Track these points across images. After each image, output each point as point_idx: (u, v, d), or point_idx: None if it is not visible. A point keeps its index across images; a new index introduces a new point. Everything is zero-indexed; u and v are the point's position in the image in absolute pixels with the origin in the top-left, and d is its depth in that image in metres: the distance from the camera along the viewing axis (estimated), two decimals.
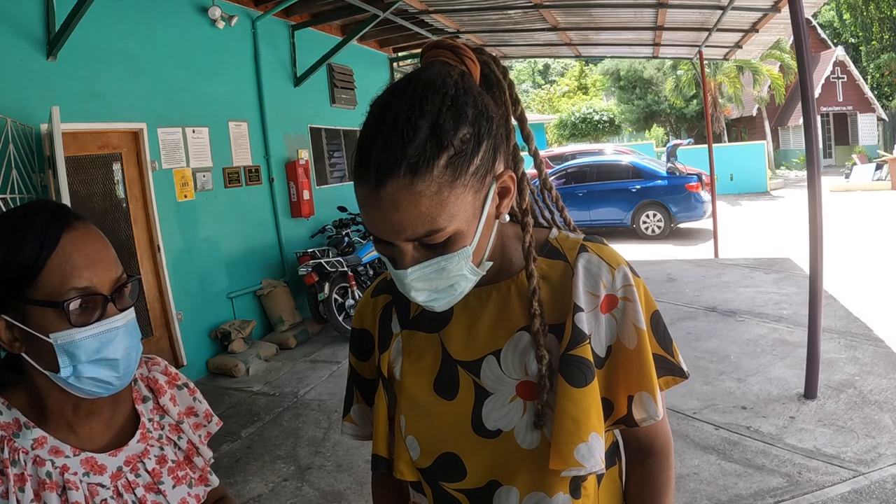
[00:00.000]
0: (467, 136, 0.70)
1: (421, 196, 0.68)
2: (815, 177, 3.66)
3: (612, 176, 11.01)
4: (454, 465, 0.84)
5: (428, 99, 0.70)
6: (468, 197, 0.71)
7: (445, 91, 0.71)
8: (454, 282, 0.76)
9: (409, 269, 0.73)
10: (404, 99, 0.70)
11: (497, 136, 0.76)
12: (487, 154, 0.73)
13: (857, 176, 15.34)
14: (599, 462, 0.77)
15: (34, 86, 3.98)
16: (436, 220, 0.69)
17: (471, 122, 0.71)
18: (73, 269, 0.79)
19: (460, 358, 0.86)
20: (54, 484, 0.82)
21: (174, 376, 1.03)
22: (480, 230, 0.75)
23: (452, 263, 0.74)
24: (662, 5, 6.18)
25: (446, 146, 0.68)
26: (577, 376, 0.78)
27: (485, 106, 0.74)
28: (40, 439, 0.83)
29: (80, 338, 0.79)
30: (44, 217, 0.81)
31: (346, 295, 6.04)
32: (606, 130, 27.62)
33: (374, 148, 0.69)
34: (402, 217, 0.69)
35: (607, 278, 0.82)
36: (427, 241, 0.71)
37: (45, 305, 0.78)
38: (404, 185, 0.67)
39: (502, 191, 0.78)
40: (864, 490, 2.77)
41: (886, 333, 4.70)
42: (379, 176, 0.68)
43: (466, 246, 0.74)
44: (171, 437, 0.97)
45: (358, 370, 0.98)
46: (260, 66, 6.21)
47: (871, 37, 23.95)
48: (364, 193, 0.70)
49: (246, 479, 3.41)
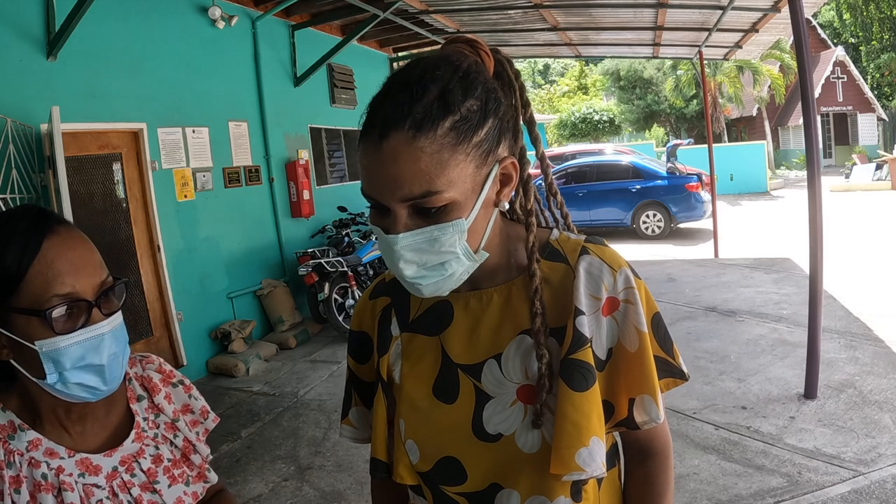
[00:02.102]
0: (474, 108, 0.72)
1: (422, 152, 0.68)
2: (815, 177, 3.66)
3: (612, 176, 11.00)
4: (454, 469, 0.84)
5: (440, 68, 0.72)
6: (469, 168, 0.72)
7: (458, 65, 0.74)
8: (446, 259, 0.74)
9: (400, 234, 0.72)
10: (418, 68, 0.73)
11: (504, 120, 0.77)
12: (492, 132, 0.74)
13: (857, 176, 15.34)
14: (600, 466, 0.77)
15: (34, 86, 3.98)
16: (434, 181, 0.69)
17: (479, 96, 0.73)
18: (56, 275, 0.78)
19: (461, 361, 0.85)
20: (50, 485, 0.81)
21: (169, 374, 1.02)
22: (478, 209, 0.75)
23: (446, 235, 0.73)
24: (662, 5, 6.18)
25: (453, 111, 0.70)
26: (578, 380, 0.78)
27: (494, 89, 0.76)
28: (35, 441, 0.83)
29: (65, 346, 0.78)
30: (25, 223, 0.80)
31: (346, 295, 6.04)
32: (606, 130, 27.60)
33: (382, 106, 0.71)
34: (400, 171, 0.69)
35: (609, 281, 0.81)
36: (422, 204, 0.71)
37: (27, 314, 0.77)
38: (407, 140, 0.68)
39: (504, 178, 0.79)
40: (864, 490, 2.77)
41: (886, 333, 4.70)
42: (383, 129, 0.69)
43: (462, 218, 0.73)
44: (166, 436, 0.96)
45: (356, 373, 0.98)
46: (260, 66, 6.21)
47: (871, 37, 23.95)
48: (367, 148, 0.71)
49: (246, 479, 3.41)
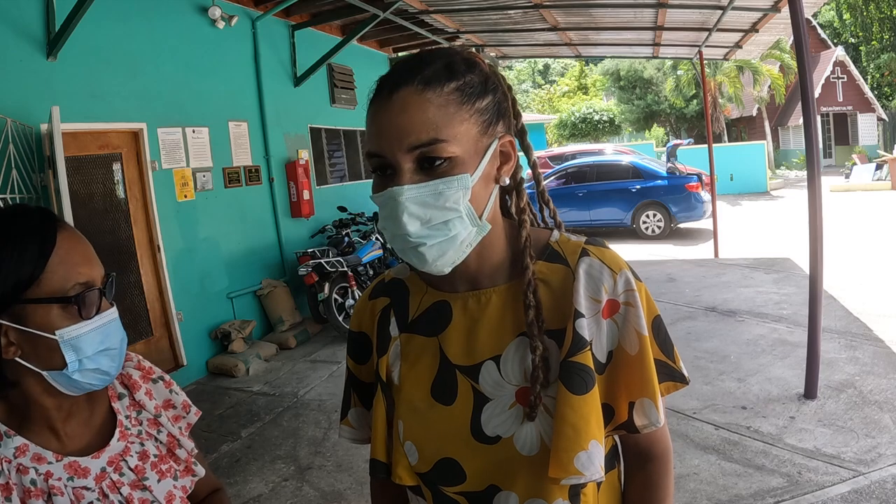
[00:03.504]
0: (475, 81, 0.78)
1: (429, 103, 0.73)
2: (815, 177, 3.66)
3: (612, 176, 11.00)
4: (453, 470, 0.84)
5: (445, 51, 0.80)
6: (472, 129, 0.76)
7: (461, 52, 0.81)
8: (449, 217, 0.74)
9: (405, 185, 0.73)
10: (427, 51, 0.80)
11: (502, 103, 0.81)
12: (492, 107, 0.79)
13: (857, 176, 15.34)
14: (599, 470, 0.77)
15: (34, 86, 3.98)
16: (440, 130, 0.73)
17: (479, 73, 0.79)
18: (74, 265, 0.82)
19: (459, 363, 0.85)
20: (39, 491, 0.81)
21: (148, 370, 1.02)
22: (482, 170, 0.77)
23: (451, 189, 0.74)
24: (662, 5, 6.18)
25: (457, 77, 0.76)
26: (577, 383, 0.77)
27: (493, 75, 0.82)
28: (22, 447, 0.83)
29: (87, 331, 0.82)
30: (36, 218, 0.83)
31: (346, 295, 6.04)
32: (606, 130, 27.61)
33: (391, 74, 0.78)
34: (408, 119, 0.73)
35: (609, 283, 0.81)
36: (429, 153, 0.73)
37: (51, 302, 0.80)
38: (416, 91, 0.74)
39: (503, 155, 0.81)
40: (864, 490, 2.77)
41: (886, 333, 4.70)
42: (394, 86, 0.75)
43: (467, 174, 0.75)
44: (150, 432, 0.97)
45: (356, 373, 0.98)
46: (260, 66, 6.21)
47: (871, 37, 23.95)
48: (376, 106, 0.76)
49: (246, 479, 3.41)
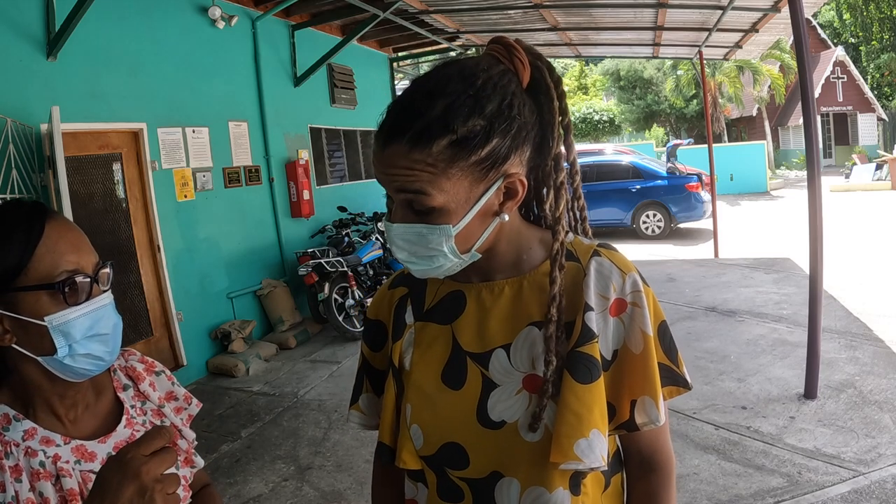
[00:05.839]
0: (477, 128, 0.75)
1: (415, 163, 0.75)
2: (815, 177, 3.66)
3: (612, 176, 11.00)
4: (457, 454, 0.86)
5: (454, 82, 0.76)
6: (463, 182, 0.77)
7: (473, 81, 0.76)
8: (433, 254, 0.80)
9: (395, 223, 0.80)
10: (437, 77, 0.78)
11: (517, 138, 0.78)
12: (499, 149, 0.77)
13: (857, 176, 15.35)
14: (599, 459, 0.78)
15: (34, 86, 3.98)
16: (425, 185, 0.76)
17: (487, 116, 0.76)
18: (62, 253, 0.84)
19: (470, 349, 0.87)
20: (48, 473, 0.83)
21: (151, 364, 1.06)
22: (471, 218, 0.79)
23: (433, 235, 0.78)
24: (662, 5, 6.18)
25: (452, 130, 0.74)
26: (582, 372, 0.80)
27: (509, 106, 0.77)
28: (30, 430, 0.85)
29: (74, 317, 0.84)
30: (24, 211, 0.85)
31: (346, 295, 6.03)
32: (606, 130, 27.63)
33: (392, 113, 0.78)
34: (397, 172, 0.77)
35: (618, 282, 0.84)
36: (412, 201, 0.77)
37: (39, 289, 0.82)
38: (403, 152, 0.75)
39: (509, 191, 0.81)
40: (864, 490, 2.77)
41: (886, 333, 4.70)
42: (386, 138, 0.77)
43: (449, 225, 0.78)
44: (154, 422, 1.00)
45: (370, 360, 1.01)
46: (260, 66, 6.20)
47: (871, 37, 23.95)
48: (375, 148, 0.80)
49: (246, 479, 3.41)
